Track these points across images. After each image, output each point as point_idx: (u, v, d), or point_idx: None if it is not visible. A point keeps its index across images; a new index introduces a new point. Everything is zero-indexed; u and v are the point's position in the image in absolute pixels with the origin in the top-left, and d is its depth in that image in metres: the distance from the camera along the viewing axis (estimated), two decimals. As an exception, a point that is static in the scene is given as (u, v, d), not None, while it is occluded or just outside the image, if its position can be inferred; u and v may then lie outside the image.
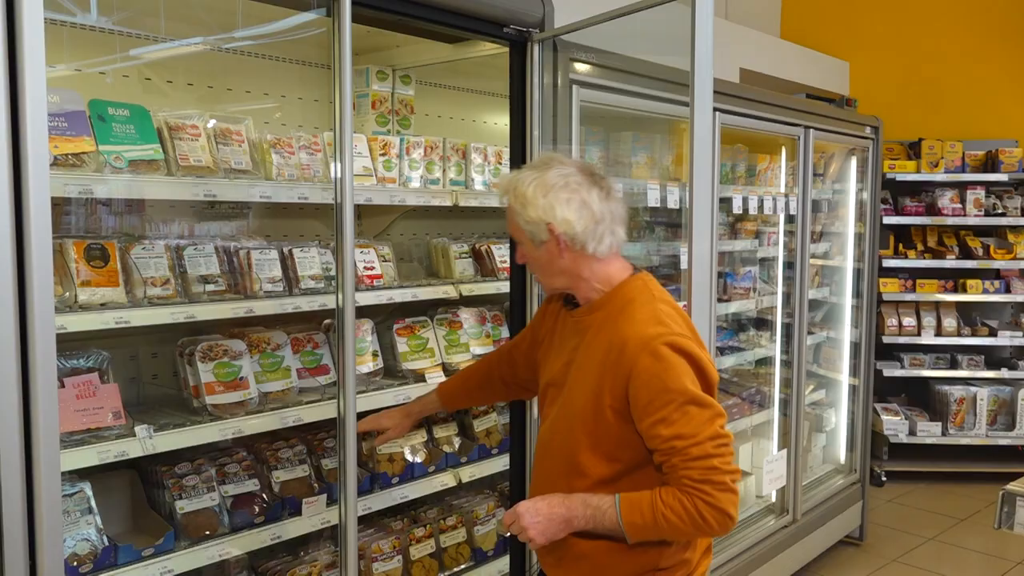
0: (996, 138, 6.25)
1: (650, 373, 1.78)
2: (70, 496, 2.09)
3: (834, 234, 5.04)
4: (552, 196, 1.87)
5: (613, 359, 1.83)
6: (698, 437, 1.76)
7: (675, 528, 1.77)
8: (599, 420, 1.85)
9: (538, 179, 1.90)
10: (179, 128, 2.27)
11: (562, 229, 1.88)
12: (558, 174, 1.90)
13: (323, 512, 2.53)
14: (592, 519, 1.82)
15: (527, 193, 1.89)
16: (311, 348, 2.65)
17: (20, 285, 1.58)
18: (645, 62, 3.11)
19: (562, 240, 1.89)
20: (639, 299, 1.91)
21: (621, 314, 1.88)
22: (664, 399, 1.77)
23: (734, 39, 5.59)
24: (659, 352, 1.79)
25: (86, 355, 2.16)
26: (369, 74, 3.01)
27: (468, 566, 3.02)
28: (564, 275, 1.95)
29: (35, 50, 1.56)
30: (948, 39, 6.62)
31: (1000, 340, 6.04)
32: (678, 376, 1.78)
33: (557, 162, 1.94)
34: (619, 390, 1.82)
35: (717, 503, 1.74)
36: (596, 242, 1.90)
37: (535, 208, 1.88)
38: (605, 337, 1.87)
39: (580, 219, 1.88)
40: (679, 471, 1.76)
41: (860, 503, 4.91)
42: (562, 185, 1.88)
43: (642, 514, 1.77)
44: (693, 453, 1.75)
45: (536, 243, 1.93)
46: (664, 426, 1.77)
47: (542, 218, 1.88)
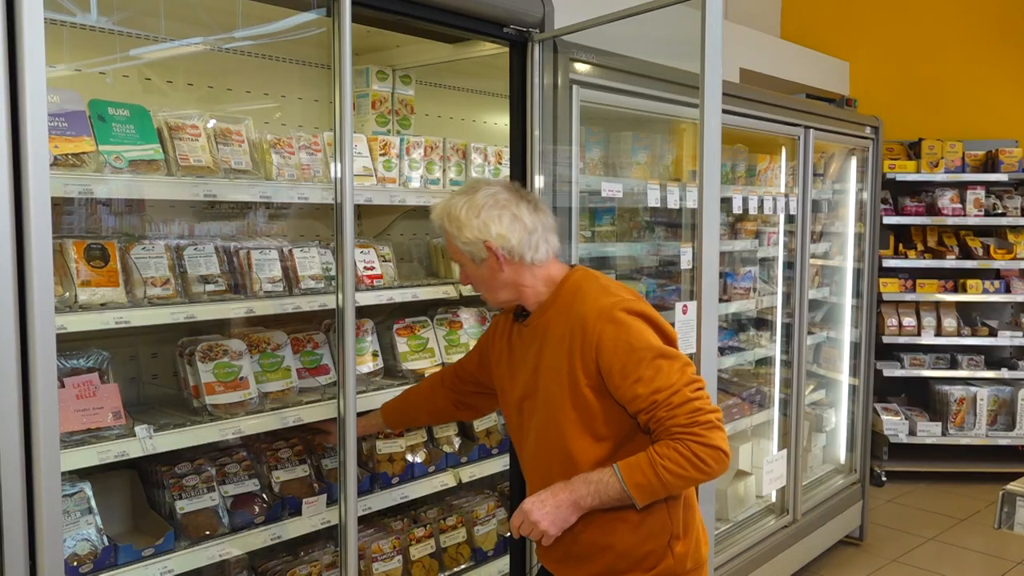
0: (996, 138, 6.25)
1: (615, 339, 1.88)
2: (70, 496, 2.09)
3: (834, 234, 5.05)
4: (484, 215, 1.98)
5: (578, 339, 1.92)
6: (675, 386, 1.84)
7: (678, 477, 1.82)
8: (580, 403, 1.93)
9: (468, 202, 2.00)
10: (179, 128, 2.27)
11: (499, 244, 1.98)
12: (486, 194, 2.01)
13: (323, 512, 2.53)
14: (597, 493, 1.87)
15: (461, 216, 2.00)
16: (311, 348, 2.65)
17: (20, 285, 1.57)
18: (645, 62, 3.11)
19: (500, 254, 1.99)
20: (585, 283, 2.02)
21: (574, 300, 1.98)
22: (635, 359, 1.86)
23: (734, 39, 5.59)
24: (618, 318, 1.90)
25: (86, 355, 2.16)
26: (369, 74, 3.01)
27: (468, 566, 3.02)
28: (508, 287, 2.04)
29: (35, 50, 1.56)
30: (948, 39, 6.63)
31: (1000, 340, 6.04)
32: (641, 335, 1.89)
33: (483, 184, 2.07)
34: (591, 366, 1.90)
35: (709, 441, 1.81)
36: (532, 251, 2.01)
37: (470, 229, 1.99)
38: (565, 325, 1.96)
39: (513, 232, 1.99)
40: (666, 422, 1.83)
41: (860, 503, 4.91)
42: (492, 204, 1.99)
43: (643, 473, 1.83)
44: (675, 401, 1.83)
45: (476, 262, 2.03)
46: (642, 385, 1.85)
47: (478, 237, 1.98)
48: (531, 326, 2.07)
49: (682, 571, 1.99)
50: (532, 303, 2.06)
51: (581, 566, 2.03)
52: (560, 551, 2.04)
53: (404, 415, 2.54)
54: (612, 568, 1.99)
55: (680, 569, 1.99)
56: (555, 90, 2.75)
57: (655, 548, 1.97)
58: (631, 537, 1.96)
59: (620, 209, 3.54)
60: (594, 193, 3.23)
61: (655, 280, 3.75)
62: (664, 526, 1.97)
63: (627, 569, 1.98)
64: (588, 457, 1.94)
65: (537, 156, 2.75)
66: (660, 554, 1.97)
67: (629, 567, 1.98)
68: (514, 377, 2.13)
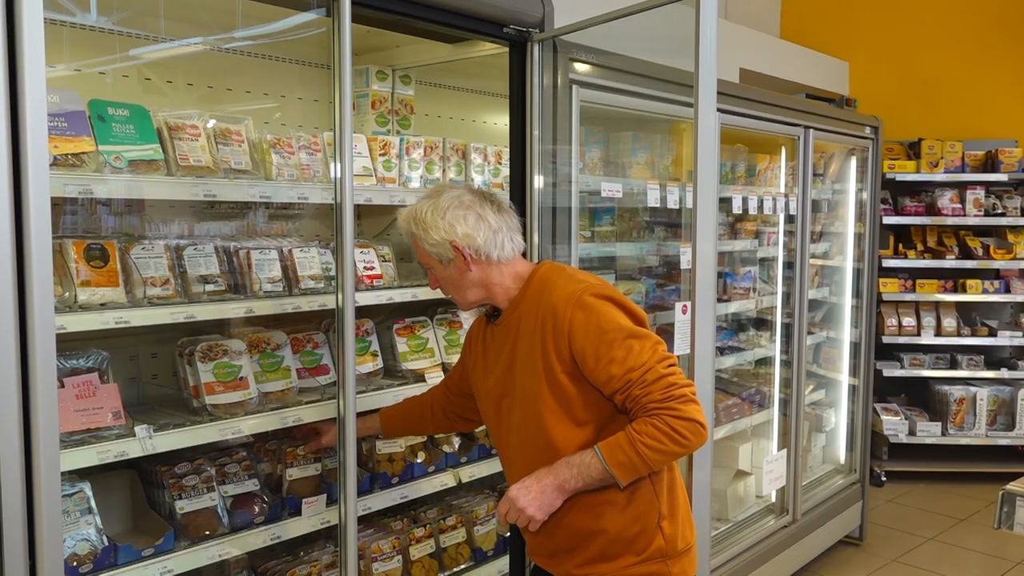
0: (996, 138, 6.25)
1: (585, 323, 1.92)
2: (70, 496, 2.09)
3: (834, 234, 5.05)
4: (450, 216, 2.02)
5: (550, 327, 1.96)
6: (648, 364, 1.88)
7: (657, 452, 1.85)
8: (557, 391, 1.96)
9: (433, 204, 2.05)
10: (179, 128, 2.27)
11: (465, 243, 2.02)
12: (450, 197, 2.05)
13: (323, 512, 2.53)
14: (580, 476, 1.91)
15: (426, 219, 2.04)
16: (311, 348, 2.65)
17: (20, 285, 1.58)
18: (645, 62, 3.11)
19: (467, 254, 2.03)
20: (552, 275, 2.06)
21: (542, 291, 2.02)
22: (606, 341, 1.90)
23: (734, 39, 5.59)
24: (586, 302, 1.94)
25: (86, 355, 2.16)
26: (369, 74, 3.01)
27: (468, 566, 3.02)
28: (476, 287, 2.08)
29: (35, 50, 1.56)
30: (948, 39, 6.63)
31: (1000, 340, 6.04)
32: (611, 317, 1.93)
33: (447, 187, 2.11)
34: (564, 352, 1.94)
35: (685, 414, 1.85)
36: (498, 249, 2.05)
37: (436, 230, 2.02)
38: (536, 316, 2.00)
39: (479, 231, 2.03)
40: (642, 400, 1.87)
41: (860, 503, 4.91)
42: (456, 205, 2.04)
43: (624, 451, 1.87)
44: (649, 379, 1.87)
45: (444, 263, 2.06)
46: (615, 366, 1.89)
47: (444, 238, 2.02)
48: (503, 324, 2.11)
49: (673, 552, 2.01)
50: (503, 301, 2.10)
51: (573, 556, 2.04)
52: (551, 544, 2.06)
53: (404, 427, 2.56)
54: (604, 553, 2.00)
55: (671, 550, 2.01)
56: (555, 90, 2.75)
57: (644, 528, 1.99)
58: (620, 518, 1.98)
59: (620, 209, 3.54)
60: (594, 193, 3.23)
61: (655, 280, 3.75)
62: (651, 505, 1.99)
63: (619, 553, 2.00)
64: (570, 443, 1.97)
65: (537, 156, 2.75)
66: (650, 535, 1.99)
67: (621, 551, 1.99)
68: (489, 377, 2.15)
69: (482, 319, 2.24)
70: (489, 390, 2.16)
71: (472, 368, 2.25)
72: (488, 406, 2.19)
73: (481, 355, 2.21)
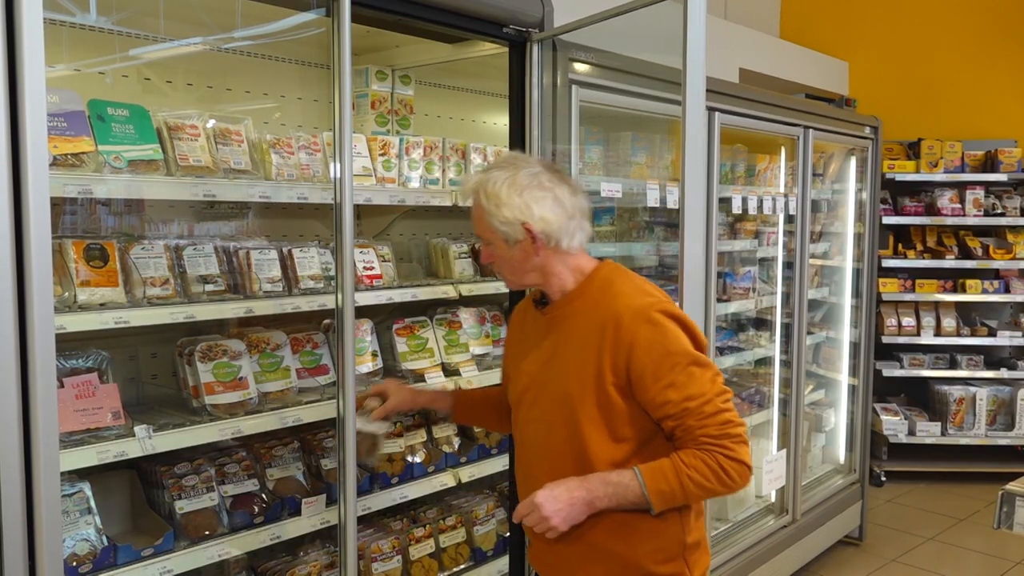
0: (995, 138, 6.25)
1: (650, 341, 1.81)
2: (69, 496, 2.09)
3: (833, 234, 5.05)
4: (527, 195, 1.87)
5: (610, 336, 1.83)
6: (707, 395, 1.79)
7: (701, 488, 1.78)
8: (604, 402, 1.85)
9: (509, 179, 1.89)
10: (178, 128, 2.27)
11: (540, 227, 1.88)
12: (528, 173, 1.90)
13: (322, 512, 2.53)
14: (615, 496, 1.81)
15: (500, 194, 1.88)
16: (311, 348, 2.65)
17: (20, 285, 1.58)
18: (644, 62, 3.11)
19: (539, 238, 1.89)
20: (617, 279, 1.94)
21: (604, 294, 1.90)
22: (669, 363, 1.80)
23: (733, 39, 5.59)
24: (655, 319, 1.83)
25: (85, 355, 2.16)
26: (368, 74, 3.01)
27: (468, 566, 3.02)
28: (536, 272, 1.95)
29: (35, 50, 1.56)
30: (947, 39, 6.63)
31: (999, 340, 6.04)
32: (677, 339, 1.82)
33: (523, 161, 1.95)
34: (620, 365, 1.82)
35: (737, 456, 1.78)
36: (569, 238, 1.92)
37: (510, 208, 1.87)
38: (593, 319, 1.87)
39: (555, 216, 1.89)
40: (696, 431, 1.78)
41: (859, 503, 4.91)
42: (535, 184, 1.89)
43: (667, 480, 1.78)
44: (707, 411, 1.78)
45: (509, 243, 1.91)
46: (673, 390, 1.79)
47: (518, 218, 1.87)
48: (550, 316, 1.98)
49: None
50: (556, 291, 1.97)
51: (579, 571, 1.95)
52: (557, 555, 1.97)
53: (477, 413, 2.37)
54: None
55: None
56: (554, 90, 2.75)
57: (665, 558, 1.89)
58: (641, 546, 1.88)
59: (620, 209, 3.54)
60: (593, 193, 3.23)
61: (655, 280, 3.74)
62: (677, 537, 1.90)
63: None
64: (605, 457, 1.87)
65: (536, 156, 2.74)
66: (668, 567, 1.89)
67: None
68: (520, 362, 2.04)
69: (527, 302, 2.12)
70: (517, 375, 2.05)
71: (507, 350, 2.15)
72: (512, 392, 2.08)
73: (518, 338, 2.10)
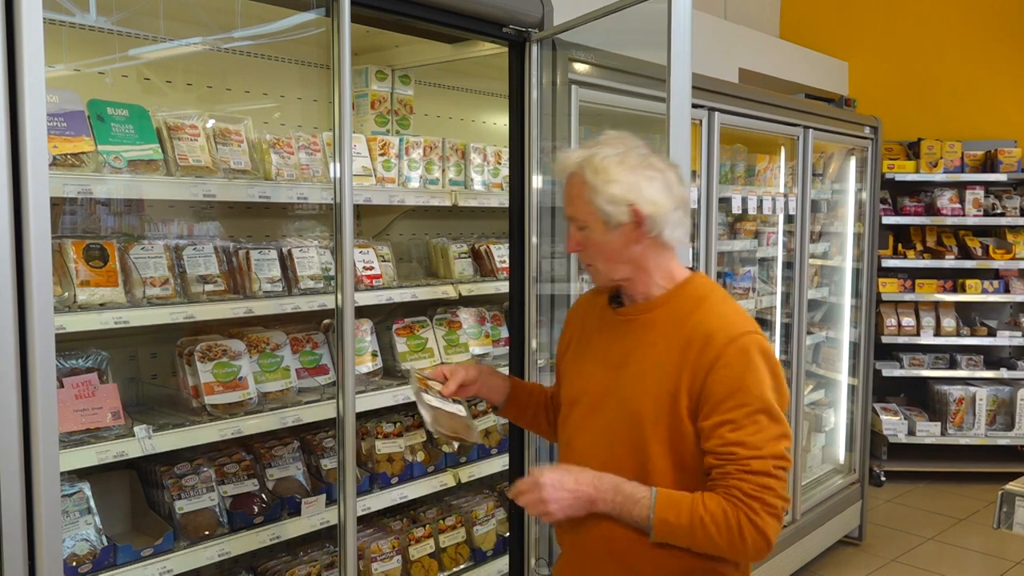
0: (995, 138, 6.25)
1: (732, 369, 1.65)
2: (69, 496, 2.09)
3: (833, 234, 5.05)
4: (639, 174, 1.71)
5: (694, 354, 1.68)
6: (762, 451, 1.63)
7: (708, 537, 1.62)
8: (674, 428, 1.70)
9: (619, 156, 1.73)
10: (178, 128, 2.27)
11: (648, 211, 1.70)
12: (639, 153, 1.74)
13: (322, 512, 2.52)
14: (620, 506, 1.66)
15: (610, 169, 1.71)
16: (310, 348, 2.65)
17: (19, 285, 1.57)
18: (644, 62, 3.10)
19: (645, 223, 1.71)
20: (713, 295, 1.78)
21: (697, 308, 1.74)
22: (738, 400, 1.64)
23: (733, 39, 5.59)
24: (747, 350, 1.67)
25: (85, 355, 2.16)
26: (368, 74, 3.01)
27: (467, 566, 3.02)
28: (629, 265, 1.77)
29: (34, 50, 1.56)
30: (947, 39, 6.63)
31: (999, 340, 6.04)
32: (759, 380, 1.66)
33: (631, 140, 1.78)
34: (696, 387, 1.67)
35: (761, 524, 1.61)
36: (672, 229, 1.74)
37: (620, 185, 1.70)
38: (679, 333, 1.72)
39: (664, 201, 1.72)
40: (731, 479, 1.62)
41: (859, 503, 4.91)
42: (645, 165, 1.73)
43: (678, 514, 1.63)
44: (753, 466, 1.62)
45: (611, 226, 1.73)
46: (729, 429, 1.64)
47: (626, 197, 1.70)
48: (628, 319, 1.81)
49: None
50: (640, 293, 1.80)
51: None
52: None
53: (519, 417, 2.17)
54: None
55: None
56: (554, 89, 2.74)
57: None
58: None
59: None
60: (593, 193, 3.23)
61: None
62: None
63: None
64: (667, 483, 1.70)
65: (536, 156, 2.74)
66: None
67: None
68: (586, 365, 1.88)
69: (595, 295, 1.96)
70: (575, 375, 1.89)
71: (564, 344, 1.98)
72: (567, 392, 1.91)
73: (578, 334, 1.94)
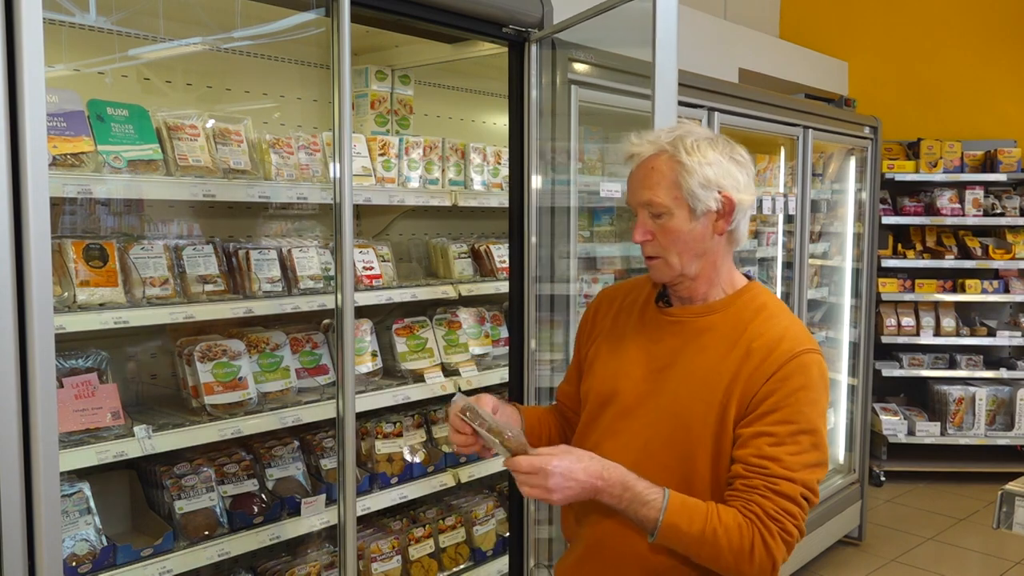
0: (995, 138, 6.25)
1: (789, 384, 1.57)
2: (69, 496, 2.09)
3: (833, 234, 5.05)
4: (730, 160, 1.62)
5: (753, 365, 1.59)
6: (795, 475, 1.54)
7: (715, 550, 1.53)
8: (719, 437, 1.60)
9: (711, 138, 1.64)
10: (178, 128, 2.27)
11: (738, 199, 1.61)
12: (724, 141, 1.65)
13: (322, 512, 2.52)
14: (627, 502, 1.54)
15: (704, 150, 1.60)
16: (310, 348, 2.64)
17: (19, 285, 1.57)
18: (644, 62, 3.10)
19: (733, 213, 1.62)
20: (773, 305, 1.70)
21: (757, 316, 1.66)
22: (786, 416, 1.55)
23: (733, 39, 5.59)
24: (808, 368, 1.59)
25: (85, 355, 2.16)
26: (368, 74, 3.01)
27: (467, 566, 3.02)
28: (704, 259, 1.66)
29: (34, 50, 1.56)
30: (947, 39, 6.63)
31: (999, 340, 6.04)
32: (813, 402, 1.58)
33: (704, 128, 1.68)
34: (748, 397, 1.58)
35: (774, 548, 1.53)
36: (746, 224, 1.69)
37: (716, 168, 1.60)
38: (737, 340, 1.63)
39: (751, 192, 1.63)
40: (756, 494, 1.53)
41: (859, 503, 4.91)
42: (733, 150, 1.65)
43: (690, 520, 1.53)
44: (781, 487, 1.53)
45: (697, 213, 1.61)
46: (769, 443, 1.54)
47: (720, 182, 1.60)
48: (679, 319, 1.71)
49: None
50: (700, 295, 1.70)
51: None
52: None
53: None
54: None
55: None
56: (554, 89, 2.74)
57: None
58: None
59: (619, 209, 3.54)
60: (593, 193, 3.23)
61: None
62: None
63: None
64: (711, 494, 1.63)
65: (535, 155, 2.75)
66: None
67: None
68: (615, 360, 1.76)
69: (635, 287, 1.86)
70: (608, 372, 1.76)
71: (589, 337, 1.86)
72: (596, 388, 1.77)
73: (609, 327, 1.82)
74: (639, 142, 1.66)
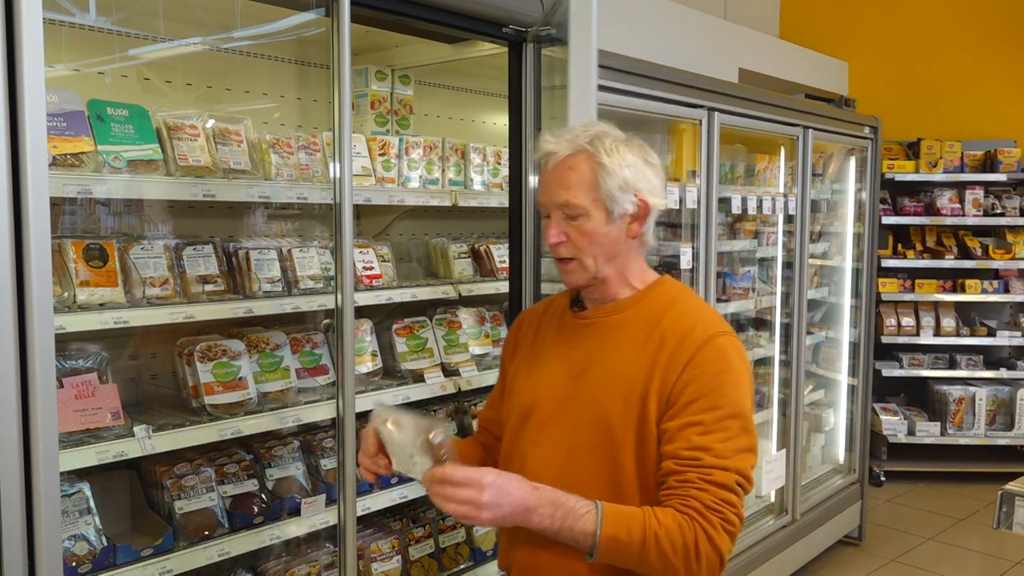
0: (995, 138, 6.25)
1: (707, 368, 1.54)
2: (69, 496, 2.09)
3: (833, 234, 5.05)
4: (644, 162, 1.60)
5: (667, 354, 1.57)
6: (728, 463, 1.50)
7: (661, 556, 1.46)
8: (641, 434, 1.57)
9: (625, 139, 1.61)
10: (178, 128, 2.27)
11: (653, 203, 1.61)
12: (638, 144, 1.62)
13: (322, 512, 2.52)
14: (559, 521, 1.48)
15: (625, 153, 1.57)
16: (310, 348, 2.64)
17: (19, 285, 1.57)
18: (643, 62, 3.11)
19: (647, 217, 1.62)
20: (684, 297, 1.69)
21: (670, 308, 1.64)
22: (711, 402, 1.52)
23: (733, 39, 5.59)
24: (724, 350, 1.57)
25: (85, 355, 2.16)
26: (368, 74, 3.01)
27: (467, 566, 3.02)
28: (616, 262, 1.65)
29: (34, 50, 1.56)
30: (947, 39, 6.63)
31: (999, 340, 6.04)
32: (736, 384, 1.56)
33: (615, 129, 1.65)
34: (667, 388, 1.55)
35: (719, 541, 1.48)
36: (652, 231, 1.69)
37: (634, 171, 1.58)
38: (651, 332, 1.60)
39: (664, 197, 1.63)
40: (691, 488, 1.48)
41: (859, 503, 4.91)
42: (646, 152, 1.63)
43: (629, 530, 1.46)
44: (716, 477, 1.49)
45: (611, 217, 1.59)
46: (697, 432, 1.51)
47: (638, 185, 1.58)
48: (591, 322, 1.69)
49: None
50: (611, 296, 1.68)
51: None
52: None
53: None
54: None
55: None
56: (553, 90, 2.74)
57: None
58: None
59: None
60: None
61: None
62: None
63: None
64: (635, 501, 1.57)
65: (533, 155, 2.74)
66: None
67: None
68: (533, 373, 1.73)
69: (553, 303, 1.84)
70: (525, 387, 1.73)
71: (511, 358, 1.82)
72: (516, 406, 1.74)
73: (529, 344, 1.79)
74: (555, 140, 1.61)
